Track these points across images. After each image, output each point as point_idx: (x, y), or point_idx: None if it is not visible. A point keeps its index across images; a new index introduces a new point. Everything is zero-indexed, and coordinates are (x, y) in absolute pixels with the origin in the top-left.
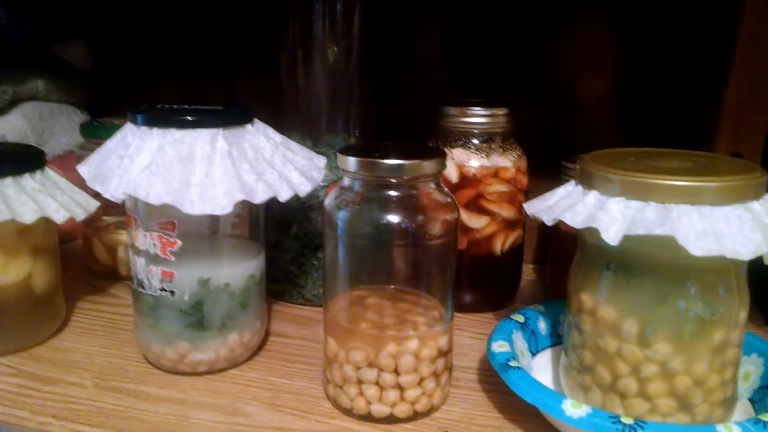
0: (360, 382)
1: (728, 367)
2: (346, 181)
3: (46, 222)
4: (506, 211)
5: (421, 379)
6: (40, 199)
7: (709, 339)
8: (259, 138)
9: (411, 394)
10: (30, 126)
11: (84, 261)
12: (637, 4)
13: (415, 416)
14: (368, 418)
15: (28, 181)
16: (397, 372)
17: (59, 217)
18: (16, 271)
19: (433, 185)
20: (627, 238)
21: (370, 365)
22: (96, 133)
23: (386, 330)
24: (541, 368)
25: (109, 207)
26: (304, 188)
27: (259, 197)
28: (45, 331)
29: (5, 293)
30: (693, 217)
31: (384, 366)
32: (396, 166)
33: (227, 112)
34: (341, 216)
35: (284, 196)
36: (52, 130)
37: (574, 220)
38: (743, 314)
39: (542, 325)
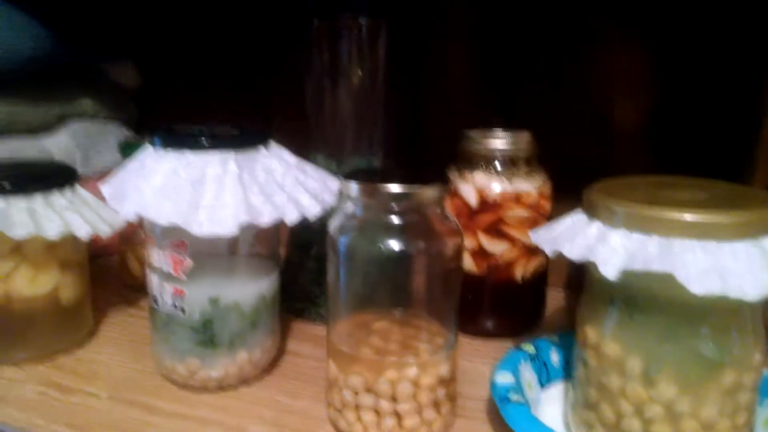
0: (358, 407)
1: (741, 411)
2: (349, 207)
3: (74, 237)
4: (527, 237)
5: (420, 408)
6: (66, 215)
7: (719, 381)
8: (272, 160)
9: (409, 422)
10: (76, 144)
11: (119, 275)
12: (672, 27)
13: None
14: None
15: (58, 198)
16: (395, 399)
17: (84, 233)
18: (43, 283)
19: (436, 210)
20: (631, 273)
21: (368, 391)
22: (131, 151)
23: (386, 356)
24: (552, 402)
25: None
26: (314, 210)
27: (265, 219)
28: (70, 342)
29: (33, 304)
30: (696, 253)
31: (381, 392)
32: (397, 192)
33: (242, 136)
34: (343, 241)
35: (291, 218)
36: (97, 148)
37: (572, 252)
38: (758, 356)
39: (555, 357)
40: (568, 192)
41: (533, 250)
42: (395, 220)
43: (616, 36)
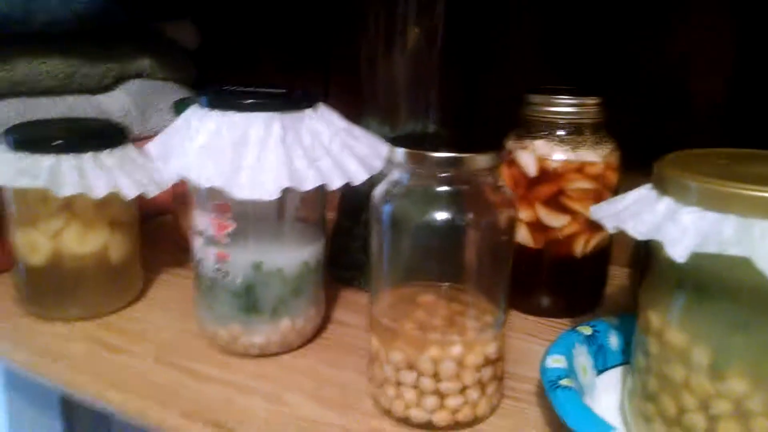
0: (399, 383)
1: None
2: (396, 174)
3: (122, 196)
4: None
5: (464, 388)
6: (114, 174)
7: None
8: (319, 123)
9: (452, 401)
10: (134, 103)
11: (172, 235)
12: None
13: (456, 426)
14: (407, 421)
15: (107, 157)
16: (437, 378)
17: (130, 192)
18: (92, 242)
19: (488, 180)
20: (702, 255)
21: (410, 367)
22: (184, 110)
23: (429, 332)
24: (609, 388)
25: None
26: (360, 177)
27: (308, 184)
28: (119, 301)
29: (82, 262)
30: None
31: (424, 370)
32: (446, 159)
33: (288, 97)
34: (386, 210)
35: (336, 184)
36: (155, 108)
37: (638, 229)
38: None
39: (614, 340)
40: (637, 165)
41: (596, 225)
42: (444, 188)
43: (705, 3)
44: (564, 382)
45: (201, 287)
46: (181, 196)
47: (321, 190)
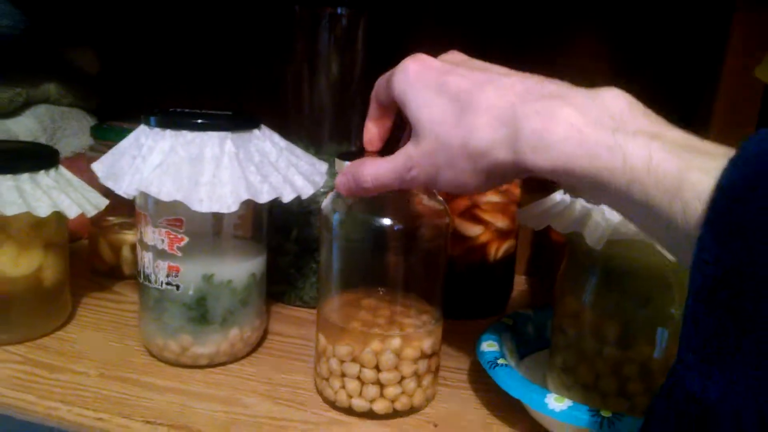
0: (343, 375)
1: None
2: None
3: (58, 217)
4: (500, 221)
5: (402, 378)
6: (54, 195)
7: None
8: (266, 143)
9: (390, 391)
10: (41, 128)
11: (89, 260)
12: (633, 30)
13: (394, 414)
14: (349, 411)
15: (44, 177)
16: (378, 369)
17: (72, 212)
18: (27, 263)
19: (423, 190)
20: (611, 244)
21: (354, 360)
22: (106, 135)
23: (373, 328)
24: (529, 370)
25: (114, 208)
26: (307, 191)
27: (264, 197)
28: (52, 323)
29: (16, 285)
30: None
31: (366, 362)
32: None
33: (236, 117)
34: (336, 218)
35: (288, 197)
36: (62, 133)
37: (561, 225)
38: None
39: (530, 329)
40: (533, 180)
41: (505, 234)
42: (386, 198)
43: (581, 30)
44: (501, 361)
45: (149, 301)
46: (98, 221)
47: (258, 208)
